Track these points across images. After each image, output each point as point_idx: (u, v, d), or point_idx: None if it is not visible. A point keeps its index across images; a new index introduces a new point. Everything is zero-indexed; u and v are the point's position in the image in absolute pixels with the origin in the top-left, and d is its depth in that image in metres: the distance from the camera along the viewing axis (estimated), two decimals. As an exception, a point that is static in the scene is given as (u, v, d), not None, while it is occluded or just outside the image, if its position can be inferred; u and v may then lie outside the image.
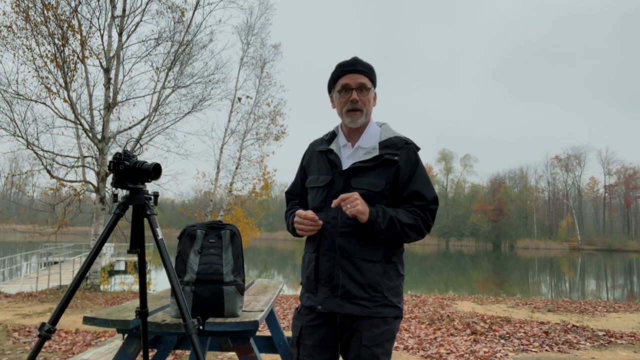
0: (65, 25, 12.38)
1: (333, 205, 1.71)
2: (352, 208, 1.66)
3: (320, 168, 1.88)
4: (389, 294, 1.75)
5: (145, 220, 1.91)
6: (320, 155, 1.91)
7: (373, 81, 1.87)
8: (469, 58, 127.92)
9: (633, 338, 5.50)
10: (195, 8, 14.29)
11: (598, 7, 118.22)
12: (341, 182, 1.80)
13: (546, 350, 4.87)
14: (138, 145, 12.63)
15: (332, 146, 1.88)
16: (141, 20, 13.75)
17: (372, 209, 1.72)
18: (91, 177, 13.70)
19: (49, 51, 12.50)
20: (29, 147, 12.65)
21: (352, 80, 1.82)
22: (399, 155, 1.79)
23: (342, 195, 1.70)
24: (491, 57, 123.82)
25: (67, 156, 13.54)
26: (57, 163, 13.31)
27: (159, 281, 16.70)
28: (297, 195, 2.05)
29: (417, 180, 1.80)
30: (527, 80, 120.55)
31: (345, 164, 1.82)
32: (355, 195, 1.68)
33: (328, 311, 1.74)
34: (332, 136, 1.94)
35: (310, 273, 1.80)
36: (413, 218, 1.75)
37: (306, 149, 2.03)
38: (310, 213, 1.78)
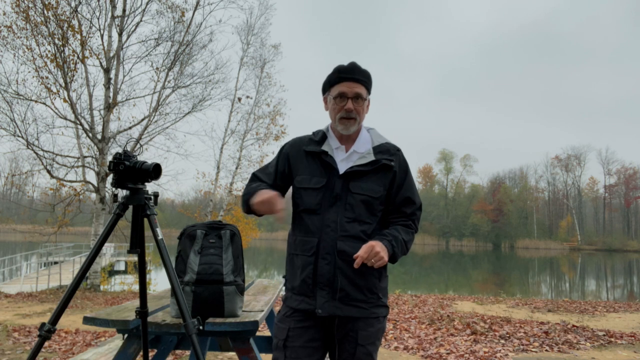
0: (65, 25, 12.38)
1: (356, 265, 1.65)
2: (379, 262, 1.65)
3: (312, 169, 1.84)
4: (382, 294, 1.82)
5: (145, 220, 1.91)
6: (310, 155, 1.86)
7: (369, 90, 1.86)
8: (410, 81, 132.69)
9: (633, 338, 5.50)
10: (196, 8, 14.29)
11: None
12: (339, 185, 1.79)
13: (546, 350, 4.87)
14: (138, 145, 12.63)
15: (325, 148, 1.84)
16: (141, 20, 13.74)
17: (385, 244, 1.69)
18: (91, 177, 13.72)
19: (49, 51, 12.50)
20: (29, 147, 12.65)
21: (349, 89, 1.79)
22: (394, 161, 1.83)
23: (362, 254, 1.63)
24: (429, 79, 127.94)
25: (67, 156, 13.54)
26: (57, 163, 13.31)
27: (159, 281, 16.69)
28: (264, 182, 1.93)
29: (409, 186, 1.87)
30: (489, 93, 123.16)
31: (341, 167, 1.81)
32: (377, 249, 1.64)
33: (327, 314, 1.74)
34: (322, 137, 1.89)
35: (308, 277, 1.76)
36: (411, 232, 1.86)
37: (290, 144, 1.94)
38: (270, 194, 1.68)
